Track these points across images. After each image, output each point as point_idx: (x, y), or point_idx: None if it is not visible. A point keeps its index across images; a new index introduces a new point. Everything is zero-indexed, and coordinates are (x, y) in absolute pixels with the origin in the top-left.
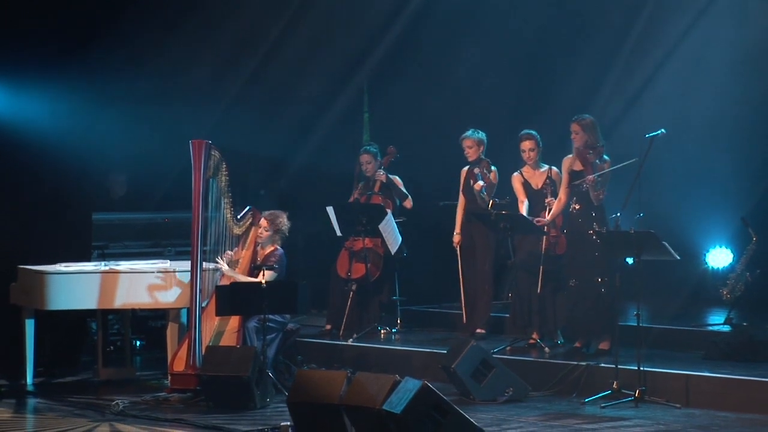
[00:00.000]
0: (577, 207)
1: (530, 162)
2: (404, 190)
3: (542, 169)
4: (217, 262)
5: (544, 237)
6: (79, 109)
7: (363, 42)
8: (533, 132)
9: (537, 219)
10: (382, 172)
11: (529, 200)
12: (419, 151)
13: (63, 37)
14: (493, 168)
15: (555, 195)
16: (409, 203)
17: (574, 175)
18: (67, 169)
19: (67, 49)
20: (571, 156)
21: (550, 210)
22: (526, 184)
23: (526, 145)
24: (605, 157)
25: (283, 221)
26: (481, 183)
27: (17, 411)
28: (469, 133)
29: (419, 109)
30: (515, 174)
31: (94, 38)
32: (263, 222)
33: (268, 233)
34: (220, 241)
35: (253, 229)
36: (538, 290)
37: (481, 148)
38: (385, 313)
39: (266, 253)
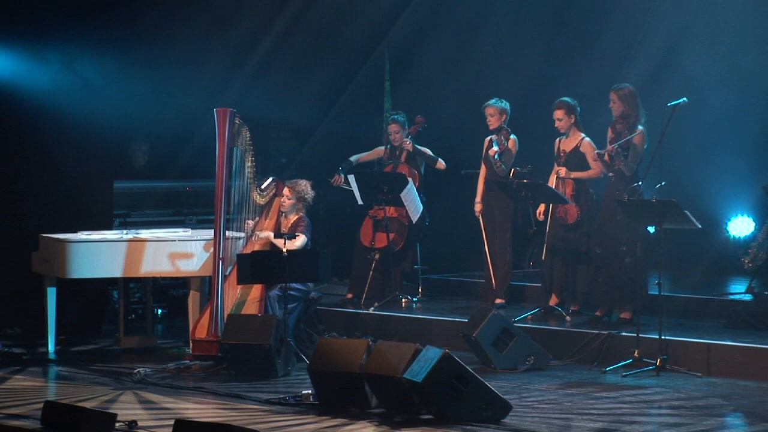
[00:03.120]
0: (612, 176)
1: (562, 130)
2: (433, 155)
3: (574, 138)
4: (255, 233)
5: (550, 205)
6: (102, 76)
7: (385, 10)
8: (565, 99)
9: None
10: (408, 140)
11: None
12: (442, 119)
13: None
14: (512, 137)
15: (575, 165)
16: (441, 164)
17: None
18: (88, 137)
19: (89, 12)
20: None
21: (560, 179)
22: (557, 152)
23: (556, 114)
24: (639, 127)
25: (307, 189)
26: (495, 149)
27: (40, 379)
28: (492, 101)
29: (442, 76)
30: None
31: (117, 2)
32: (286, 191)
33: (291, 201)
34: (242, 209)
35: (276, 199)
36: (543, 257)
37: (503, 117)
38: (406, 281)
39: (291, 221)
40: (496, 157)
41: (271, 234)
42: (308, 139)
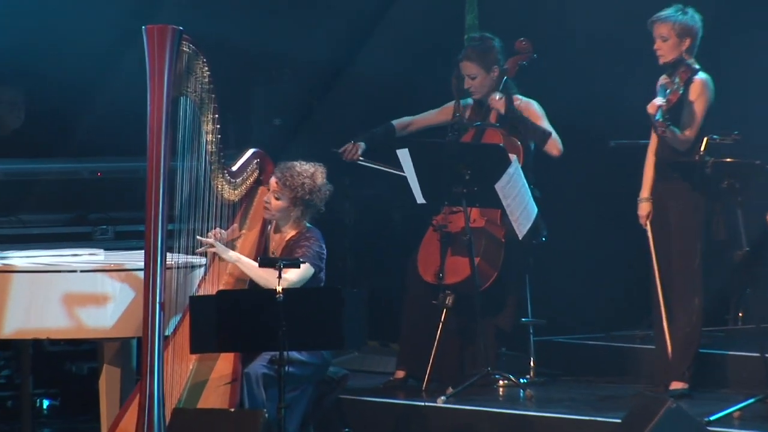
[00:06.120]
0: None
1: None
2: (545, 125)
3: None
4: (208, 242)
5: None
6: None
7: None
8: None
9: None
10: (498, 95)
11: None
12: (568, 45)
13: None
14: (698, 77)
15: None
16: (555, 147)
17: None
18: None
19: None
20: None
21: None
22: None
23: None
24: None
25: (316, 178)
26: (659, 101)
27: None
28: (667, 12)
29: None
30: None
31: None
32: (273, 184)
33: (282, 203)
34: (199, 212)
35: (260, 190)
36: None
37: (686, 43)
38: (505, 348)
39: (288, 238)
40: (657, 117)
41: (243, 261)
42: (328, 84)
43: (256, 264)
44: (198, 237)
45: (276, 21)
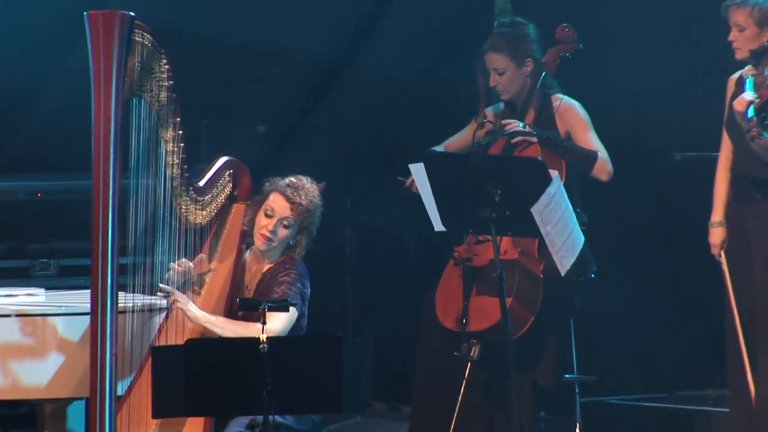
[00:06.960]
0: None
1: None
2: (591, 137)
3: None
4: (165, 293)
5: None
6: None
7: None
8: None
9: None
10: (519, 124)
11: None
12: (623, 38)
13: None
14: None
15: None
16: (604, 170)
17: None
18: None
19: None
20: None
21: None
22: None
23: None
24: None
25: (317, 199)
26: (749, 96)
27: None
28: None
29: None
30: None
31: None
32: (284, 208)
33: (292, 232)
34: (158, 240)
35: (234, 209)
36: None
37: (766, 31)
38: (545, 412)
39: (265, 270)
40: (749, 115)
41: (212, 321)
42: (324, 85)
43: (231, 322)
44: (160, 285)
45: (261, 9)
